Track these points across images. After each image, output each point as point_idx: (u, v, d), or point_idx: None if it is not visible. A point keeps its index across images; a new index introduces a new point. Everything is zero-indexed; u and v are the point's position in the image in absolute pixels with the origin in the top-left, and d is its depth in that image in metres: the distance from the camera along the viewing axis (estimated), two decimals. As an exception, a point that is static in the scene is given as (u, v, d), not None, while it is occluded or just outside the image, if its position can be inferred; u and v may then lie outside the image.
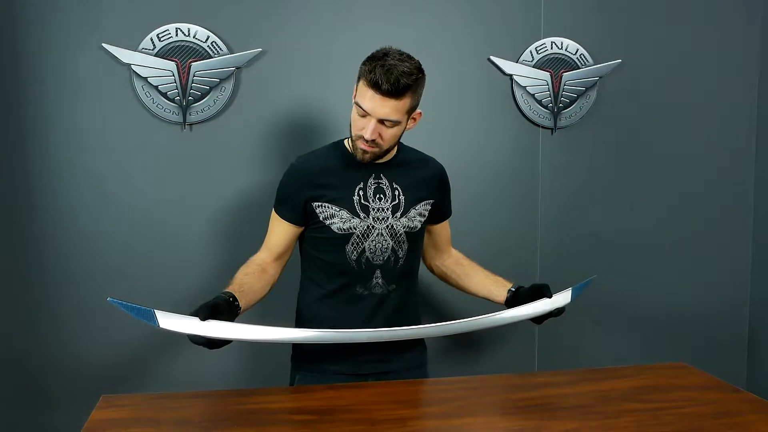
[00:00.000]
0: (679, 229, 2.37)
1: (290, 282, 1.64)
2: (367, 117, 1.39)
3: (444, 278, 1.73)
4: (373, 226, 1.49)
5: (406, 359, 1.59)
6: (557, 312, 1.49)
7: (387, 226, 1.50)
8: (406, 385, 1.46)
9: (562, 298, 1.50)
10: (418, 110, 1.47)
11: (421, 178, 1.57)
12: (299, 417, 1.26)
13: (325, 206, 1.49)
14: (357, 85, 1.42)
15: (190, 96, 1.96)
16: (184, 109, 1.96)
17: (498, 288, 1.59)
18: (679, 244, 2.37)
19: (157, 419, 1.23)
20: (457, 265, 1.70)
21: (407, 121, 1.45)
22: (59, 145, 1.92)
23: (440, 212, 1.65)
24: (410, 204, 1.53)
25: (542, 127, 2.22)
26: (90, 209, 1.95)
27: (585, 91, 2.22)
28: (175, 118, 1.96)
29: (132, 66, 1.91)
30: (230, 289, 1.39)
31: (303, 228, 1.55)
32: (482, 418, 1.26)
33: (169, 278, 2.00)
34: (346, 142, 1.55)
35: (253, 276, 1.49)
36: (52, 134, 1.91)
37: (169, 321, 1.22)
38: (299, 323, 1.61)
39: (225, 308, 1.30)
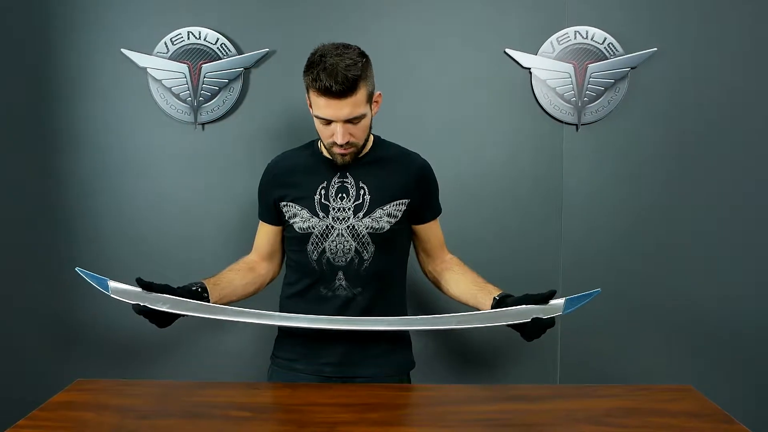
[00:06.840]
0: (722, 236, 2.09)
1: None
2: (332, 123, 1.36)
3: (436, 285, 1.62)
4: (332, 226, 1.45)
5: (378, 366, 1.52)
6: (547, 323, 1.30)
7: (348, 227, 1.45)
8: (366, 389, 1.40)
9: (549, 309, 1.31)
10: (376, 92, 1.42)
11: (395, 176, 1.50)
12: (236, 413, 1.25)
13: (289, 205, 1.49)
14: (308, 97, 1.39)
15: (200, 97, 2.03)
16: (196, 109, 2.04)
17: (484, 295, 1.43)
18: (722, 252, 2.09)
19: (104, 405, 1.28)
20: (449, 270, 1.57)
21: (371, 108, 1.41)
22: (84, 143, 2.07)
23: (421, 212, 1.54)
24: (377, 204, 1.46)
25: (565, 123, 2.06)
26: (107, 204, 2.08)
27: (614, 84, 2.03)
28: (188, 118, 2.04)
29: (148, 69, 2.02)
30: (206, 279, 1.44)
31: (281, 227, 1.55)
32: (416, 429, 1.19)
33: (181, 273, 2.04)
34: (319, 141, 1.53)
35: (237, 272, 1.54)
36: (78, 133, 2.07)
37: (119, 289, 1.31)
38: None
39: (184, 295, 1.33)
